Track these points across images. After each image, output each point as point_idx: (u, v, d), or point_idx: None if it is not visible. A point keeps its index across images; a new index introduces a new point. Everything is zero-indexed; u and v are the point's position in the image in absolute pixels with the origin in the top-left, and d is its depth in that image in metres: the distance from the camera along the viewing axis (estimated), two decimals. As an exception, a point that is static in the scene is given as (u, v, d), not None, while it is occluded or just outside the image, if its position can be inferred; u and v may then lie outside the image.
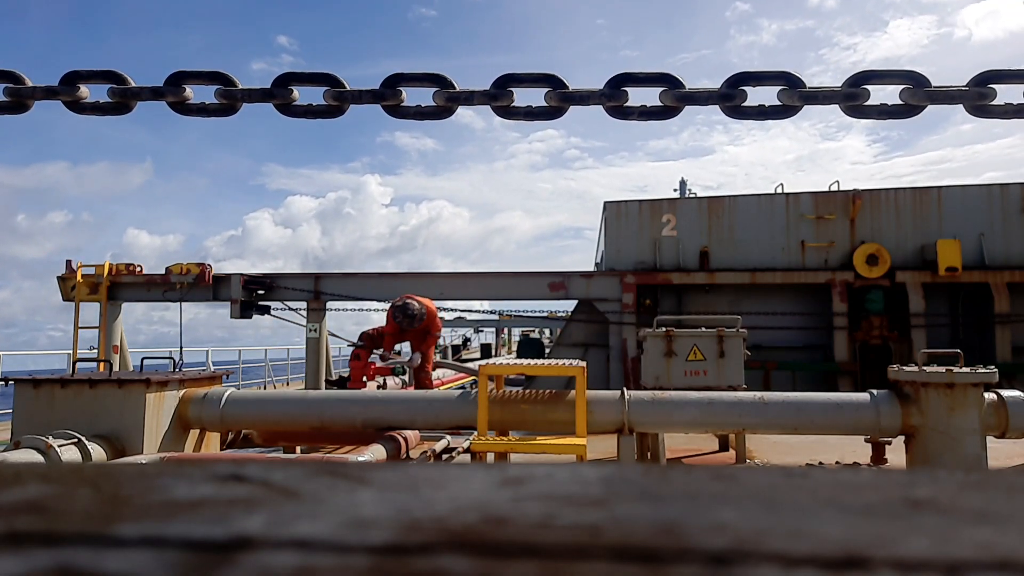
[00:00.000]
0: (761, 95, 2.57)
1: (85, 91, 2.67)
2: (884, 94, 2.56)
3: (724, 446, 6.50)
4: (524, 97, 2.62)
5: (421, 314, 7.90)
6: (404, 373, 8.63)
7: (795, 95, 2.53)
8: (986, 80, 2.50)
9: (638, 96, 2.59)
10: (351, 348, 9.14)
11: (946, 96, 2.50)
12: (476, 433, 4.77)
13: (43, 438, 4.22)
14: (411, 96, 2.64)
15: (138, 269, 12.57)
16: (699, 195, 16.28)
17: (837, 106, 2.55)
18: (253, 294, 12.49)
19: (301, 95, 2.65)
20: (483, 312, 23.65)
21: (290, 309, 12.80)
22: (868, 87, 2.54)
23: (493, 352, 29.04)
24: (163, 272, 12.47)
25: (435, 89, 2.63)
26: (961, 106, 2.51)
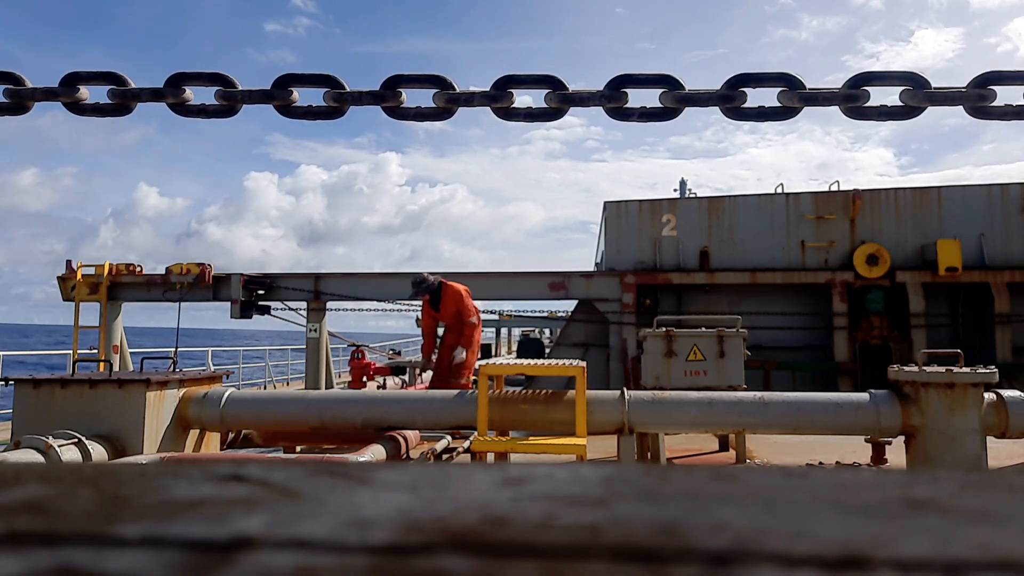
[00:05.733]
0: (762, 97, 2.58)
1: (85, 92, 2.67)
2: (886, 96, 2.56)
3: (724, 446, 6.50)
4: (524, 95, 2.62)
5: (430, 286, 7.75)
6: (404, 373, 8.63)
7: (795, 96, 2.53)
8: (986, 82, 2.49)
9: (639, 97, 2.60)
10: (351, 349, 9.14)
11: (945, 98, 2.50)
12: (476, 433, 4.76)
13: (43, 438, 4.22)
14: (411, 97, 2.64)
15: (138, 269, 12.59)
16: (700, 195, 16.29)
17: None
18: (253, 294, 12.49)
19: (301, 96, 2.65)
20: (483, 312, 23.59)
21: (290, 309, 12.80)
22: (868, 89, 2.54)
23: (493, 352, 29.02)
24: (163, 272, 12.49)
25: (435, 91, 2.63)
26: (991, 124, 2.50)
